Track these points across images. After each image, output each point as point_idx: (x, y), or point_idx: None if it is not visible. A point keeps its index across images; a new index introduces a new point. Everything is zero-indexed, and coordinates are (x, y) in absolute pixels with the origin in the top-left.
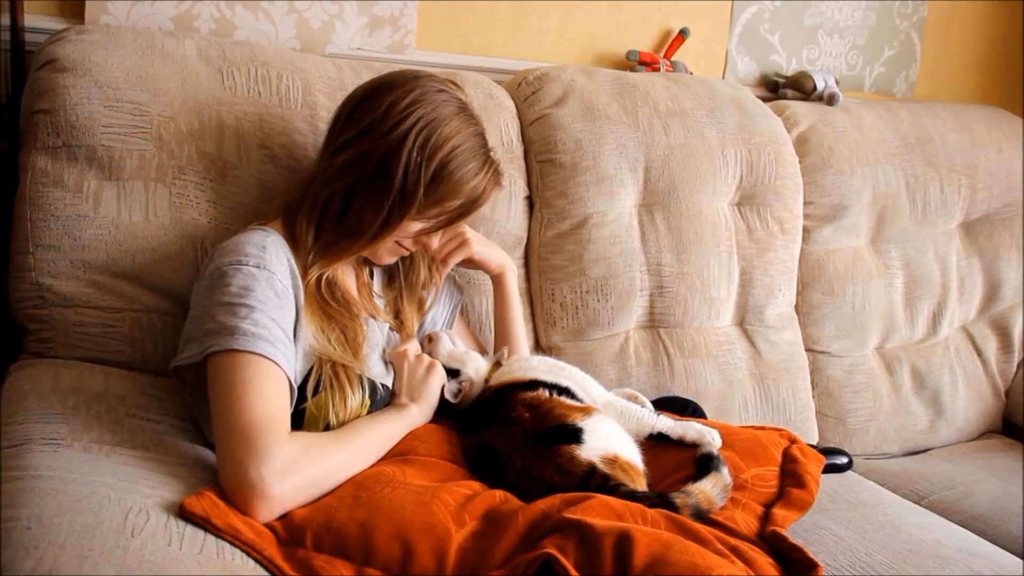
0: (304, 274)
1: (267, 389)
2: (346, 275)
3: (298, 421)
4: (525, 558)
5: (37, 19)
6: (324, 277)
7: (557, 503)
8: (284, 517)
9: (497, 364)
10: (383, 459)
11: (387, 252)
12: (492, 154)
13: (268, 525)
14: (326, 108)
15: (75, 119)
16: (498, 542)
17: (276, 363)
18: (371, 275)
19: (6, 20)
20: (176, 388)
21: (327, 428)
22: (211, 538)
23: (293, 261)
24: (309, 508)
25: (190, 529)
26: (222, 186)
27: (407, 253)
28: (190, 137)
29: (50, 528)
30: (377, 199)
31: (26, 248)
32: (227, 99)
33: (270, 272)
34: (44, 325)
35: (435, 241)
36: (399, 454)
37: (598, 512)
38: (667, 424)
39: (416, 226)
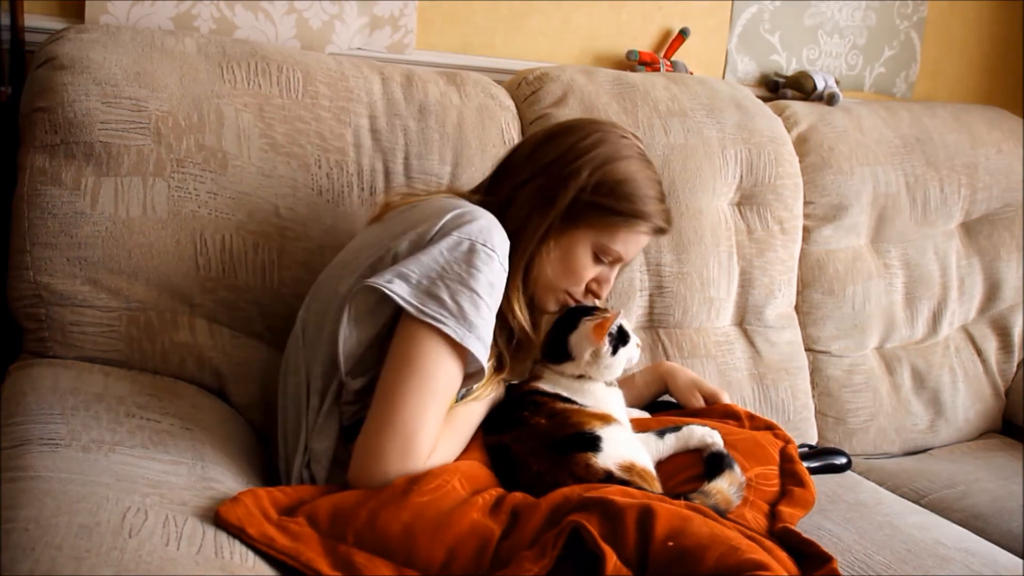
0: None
1: (451, 394)
2: None
3: None
4: (553, 533)
5: (37, 19)
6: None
7: (577, 490)
8: (330, 505)
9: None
10: None
11: (555, 299)
12: (667, 201)
13: (310, 512)
14: (327, 97)
15: (73, 116)
16: (525, 527)
17: (477, 372)
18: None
19: (6, 20)
20: (174, 388)
21: None
22: (209, 537)
23: None
24: (354, 501)
25: (188, 528)
26: (223, 176)
27: (573, 304)
28: (188, 130)
29: (47, 529)
30: (548, 201)
31: (23, 247)
32: (227, 91)
33: (505, 274)
34: (41, 324)
35: (605, 290)
36: None
37: (618, 496)
38: (670, 444)
39: (590, 255)
